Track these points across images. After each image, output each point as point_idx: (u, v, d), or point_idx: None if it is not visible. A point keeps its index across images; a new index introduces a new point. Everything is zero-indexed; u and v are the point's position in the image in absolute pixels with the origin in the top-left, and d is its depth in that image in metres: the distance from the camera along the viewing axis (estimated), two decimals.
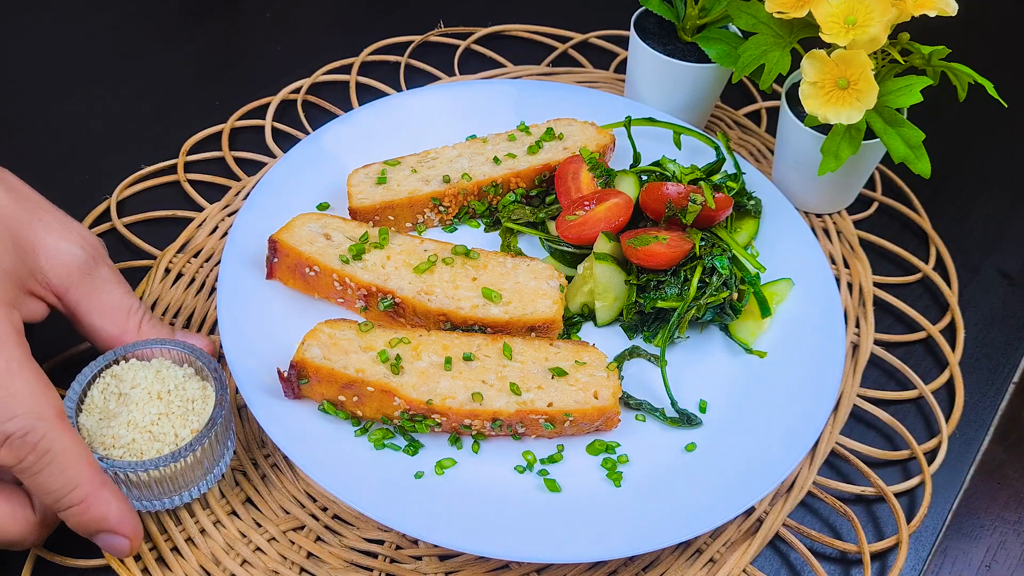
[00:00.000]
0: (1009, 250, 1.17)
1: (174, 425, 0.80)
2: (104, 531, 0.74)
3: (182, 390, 0.82)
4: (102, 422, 0.79)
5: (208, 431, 0.80)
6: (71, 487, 0.71)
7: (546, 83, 1.19)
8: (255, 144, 1.17)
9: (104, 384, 0.82)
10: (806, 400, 0.92)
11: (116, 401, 0.80)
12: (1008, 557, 0.93)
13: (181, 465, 0.79)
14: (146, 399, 0.80)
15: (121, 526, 0.74)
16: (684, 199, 0.98)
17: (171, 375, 0.82)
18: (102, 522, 0.73)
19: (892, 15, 0.94)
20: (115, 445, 0.78)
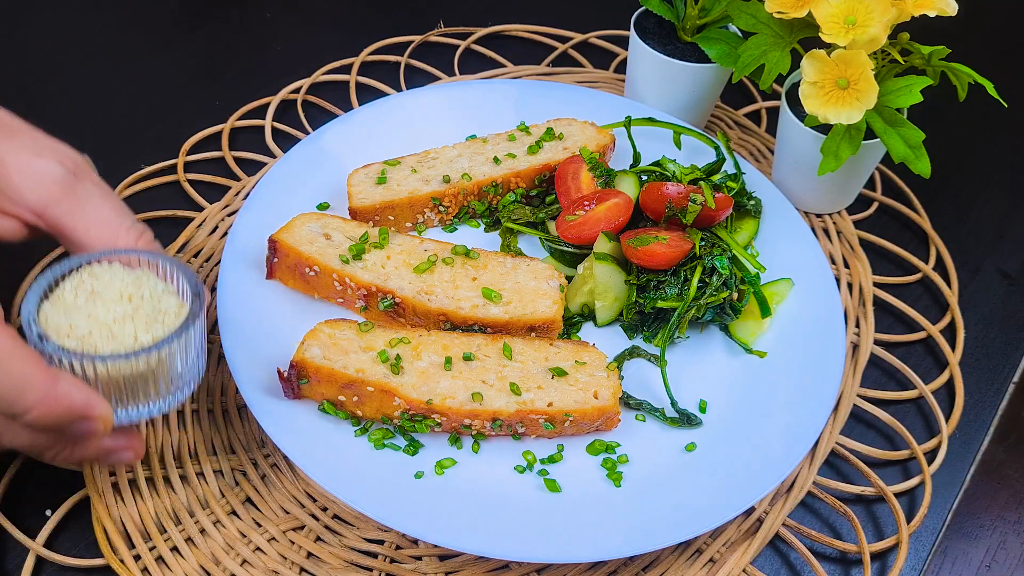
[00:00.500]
0: (1009, 250, 1.17)
1: (137, 329, 0.73)
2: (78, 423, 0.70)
3: (156, 300, 0.75)
4: (64, 315, 0.73)
5: (170, 340, 0.72)
6: (22, 387, 0.66)
7: (546, 83, 1.19)
8: (255, 144, 1.17)
9: (79, 280, 0.75)
10: (806, 400, 0.92)
11: (86, 298, 0.74)
12: (1008, 557, 0.93)
13: (133, 367, 0.72)
14: (115, 298, 0.74)
15: (90, 408, 0.69)
16: (684, 199, 0.98)
17: (149, 284, 0.76)
18: (70, 413, 0.68)
19: (892, 15, 0.94)
20: (70, 335, 0.72)
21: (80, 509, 0.87)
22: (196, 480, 0.88)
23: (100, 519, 0.85)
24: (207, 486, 0.88)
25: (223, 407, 0.93)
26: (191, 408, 0.92)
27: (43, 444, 0.75)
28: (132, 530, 0.84)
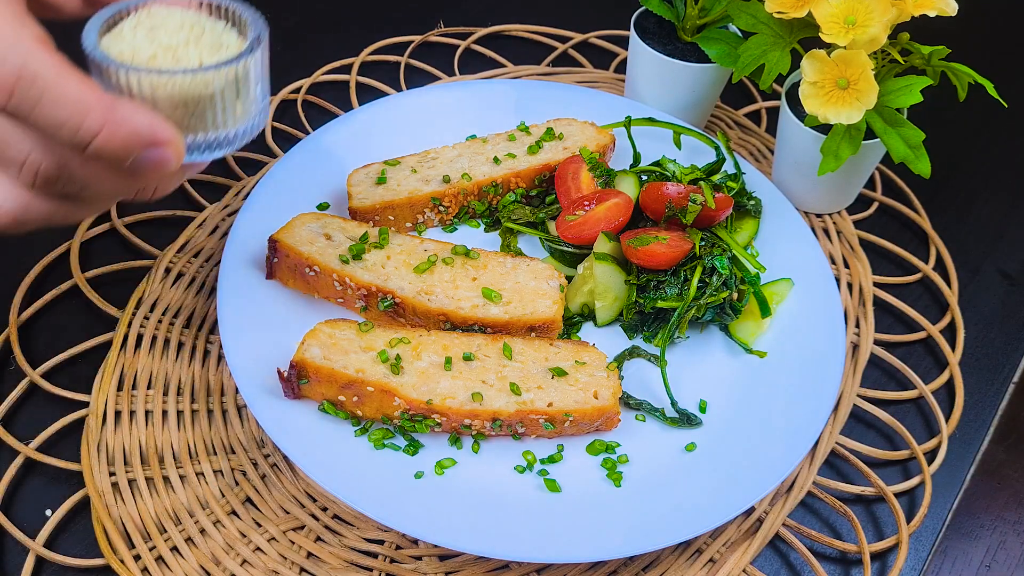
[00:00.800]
0: (1009, 250, 1.17)
1: (201, 54, 0.69)
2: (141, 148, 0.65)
3: (217, 34, 0.71)
4: (125, 43, 0.69)
5: (236, 60, 0.68)
6: (83, 112, 0.63)
7: (546, 83, 1.19)
8: (255, 144, 1.16)
9: (136, 20, 0.71)
10: (806, 400, 0.92)
11: (146, 32, 0.70)
12: (1008, 557, 0.93)
13: (197, 87, 0.68)
14: (176, 28, 0.70)
15: (155, 132, 0.65)
16: (684, 199, 0.98)
17: (211, 23, 0.72)
18: (135, 137, 0.64)
19: (892, 15, 0.94)
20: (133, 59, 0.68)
21: (80, 509, 0.87)
22: (196, 480, 0.88)
23: (100, 519, 0.85)
24: (207, 486, 0.88)
25: (223, 407, 0.93)
26: (191, 408, 0.93)
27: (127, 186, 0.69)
28: (132, 530, 0.85)
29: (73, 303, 1.00)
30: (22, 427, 0.91)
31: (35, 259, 1.02)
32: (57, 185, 0.67)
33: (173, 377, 0.94)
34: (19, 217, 0.68)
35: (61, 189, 0.68)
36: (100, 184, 0.68)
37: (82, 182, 0.67)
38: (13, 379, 0.94)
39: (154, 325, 0.98)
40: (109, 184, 0.68)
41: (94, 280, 1.02)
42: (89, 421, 0.91)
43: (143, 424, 0.91)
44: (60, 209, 0.69)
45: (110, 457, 0.89)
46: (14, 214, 0.68)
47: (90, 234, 1.05)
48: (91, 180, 0.68)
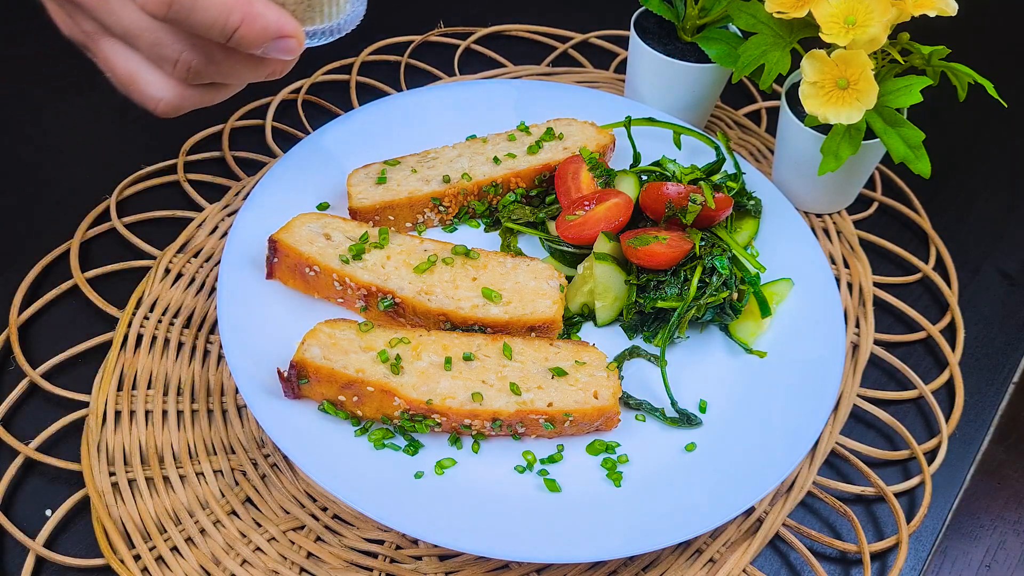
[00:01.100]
0: (1009, 250, 1.17)
1: None
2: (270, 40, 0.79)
3: None
4: None
5: None
6: (227, 13, 0.76)
7: (546, 83, 1.19)
8: (255, 144, 1.17)
9: None
10: (806, 400, 0.92)
11: None
12: (1008, 557, 0.93)
13: None
14: None
15: (282, 27, 0.79)
16: (684, 199, 0.98)
17: None
18: (266, 30, 0.78)
19: (892, 15, 0.94)
20: None
21: (80, 509, 0.87)
22: (196, 480, 0.88)
23: (100, 519, 0.85)
24: (207, 486, 0.88)
25: (223, 407, 0.93)
26: (191, 408, 0.93)
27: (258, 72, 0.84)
28: (132, 530, 0.85)
29: (73, 303, 1.00)
30: (22, 427, 0.91)
31: (35, 259, 1.02)
32: (204, 76, 0.82)
33: (173, 377, 0.94)
34: (176, 105, 0.83)
35: (207, 79, 0.82)
36: (238, 72, 0.83)
37: (225, 72, 0.82)
38: (13, 379, 0.94)
39: (154, 325, 0.98)
40: (245, 71, 0.83)
41: (94, 280, 1.02)
42: (89, 421, 0.91)
43: (143, 424, 0.91)
44: (206, 95, 0.85)
45: (110, 457, 0.89)
46: (173, 103, 0.83)
47: (90, 234, 1.05)
48: (231, 69, 0.82)
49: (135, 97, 0.85)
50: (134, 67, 0.82)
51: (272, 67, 0.85)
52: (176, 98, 0.84)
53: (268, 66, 0.85)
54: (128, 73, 0.82)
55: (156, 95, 0.83)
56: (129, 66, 0.82)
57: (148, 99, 0.83)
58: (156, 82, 0.82)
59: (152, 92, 0.83)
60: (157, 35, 0.79)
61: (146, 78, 0.82)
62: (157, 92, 0.83)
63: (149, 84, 0.82)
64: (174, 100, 0.84)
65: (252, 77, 0.85)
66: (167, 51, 0.80)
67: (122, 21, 0.80)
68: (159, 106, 0.84)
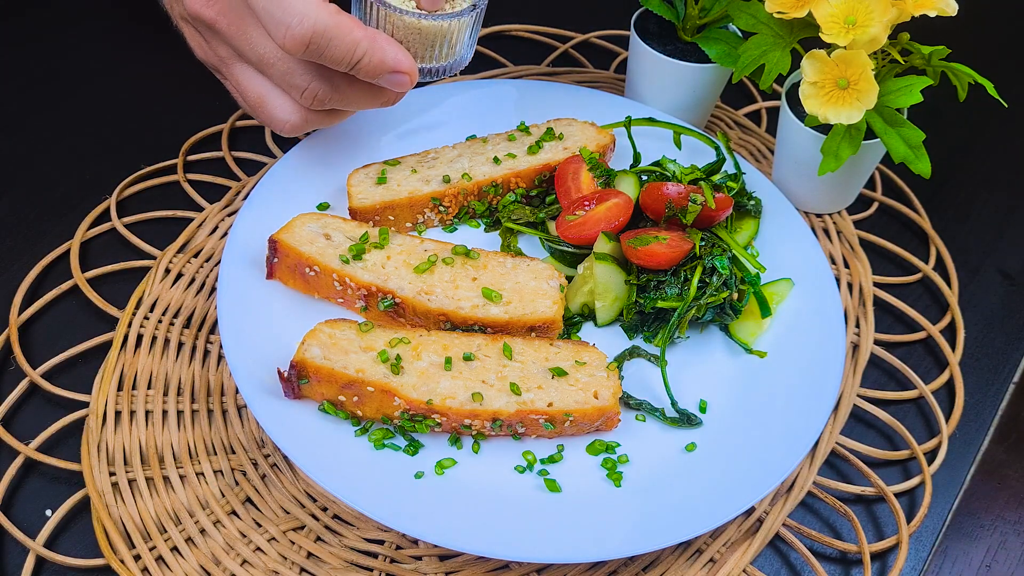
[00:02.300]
0: (1009, 250, 1.17)
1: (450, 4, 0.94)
2: (388, 72, 0.88)
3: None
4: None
5: (466, 12, 0.93)
6: (353, 47, 0.85)
7: (546, 83, 1.19)
8: (255, 144, 1.17)
9: None
10: (806, 400, 0.92)
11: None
12: (1008, 557, 0.93)
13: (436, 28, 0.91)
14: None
15: (398, 63, 0.88)
16: (684, 199, 0.98)
17: None
18: (384, 63, 0.87)
19: (892, 15, 0.94)
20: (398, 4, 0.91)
21: (80, 509, 0.87)
22: (196, 480, 0.88)
23: (100, 519, 0.85)
24: (207, 486, 0.88)
25: (223, 407, 0.93)
26: (191, 408, 0.93)
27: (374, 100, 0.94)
28: (132, 530, 0.85)
29: (73, 303, 1.00)
30: (22, 427, 0.91)
31: (35, 259, 1.02)
32: (327, 103, 0.91)
33: (173, 377, 0.94)
34: (300, 127, 0.93)
35: (330, 106, 0.91)
36: (357, 100, 0.92)
37: (346, 99, 0.92)
38: (13, 379, 0.94)
39: (154, 325, 0.98)
40: (363, 99, 0.92)
41: (94, 280, 1.02)
42: (89, 421, 0.91)
43: (143, 424, 0.91)
44: (326, 119, 0.95)
45: (110, 457, 0.89)
46: (297, 125, 0.92)
47: (90, 234, 1.05)
48: (351, 97, 0.92)
49: (262, 118, 0.93)
50: (265, 92, 0.91)
51: (387, 96, 0.94)
52: (301, 121, 0.92)
53: (383, 95, 0.93)
54: (259, 97, 0.91)
55: (283, 117, 0.92)
56: (260, 90, 0.91)
57: (276, 121, 0.92)
58: (284, 106, 0.91)
59: (280, 115, 0.92)
60: (289, 65, 0.88)
61: (275, 102, 0.91)
62: (284, 115, 0.92)
63: (277, 108, 0.91)
64: (299, 123, 0.92)
65: (368, 105, 0.94)
66: (297, 80, 0.89)
67: (257, 49, 0.88)
68: (285, 127, 0.92)
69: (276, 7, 0.83)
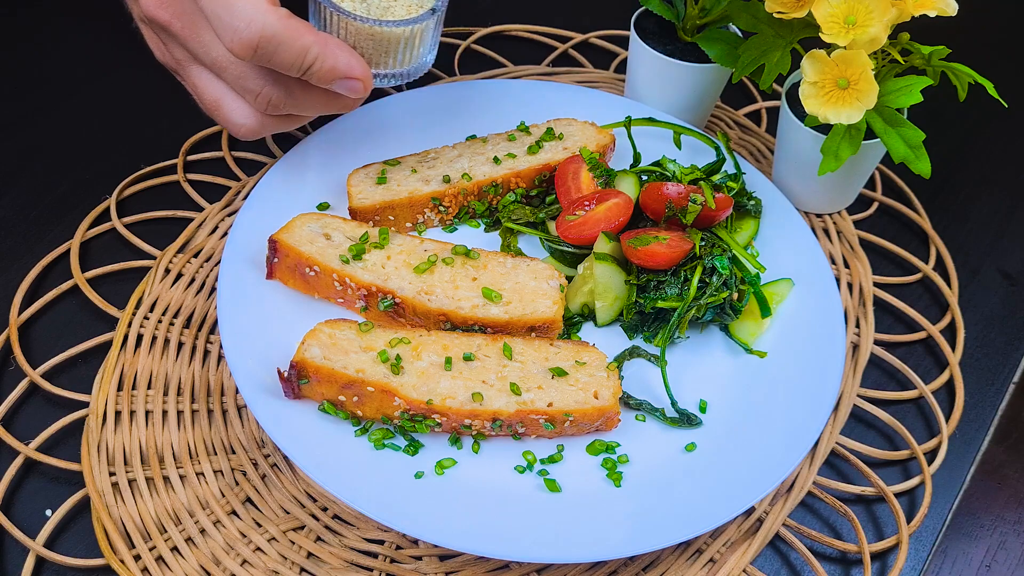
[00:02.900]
0: (1009, 250, 1.17)
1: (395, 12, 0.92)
2: (340, 78, 0.88)
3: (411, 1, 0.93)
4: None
5: (429, 15, 0.92)
6: (303, 53, 0.84)
7: (546, 83, 1.19)
8: (255, 144, 1.17)
9: None
10: (806, 400, 0.92)
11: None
12: (1008, 557, 0.93)
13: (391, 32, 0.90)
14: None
15: (351, 69, 0.87)
16: (684, 199, 0.98)
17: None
18: (336, 69, 0.86)
19: (892, 15, 0.94)
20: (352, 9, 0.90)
21: (80, 509, 0.87)
22: (196, 480, 0.88)
23: (100, 519, 0.85)
24: (207, 486, 0.88)
25: (223, 407, 0.93)
26: (191, 408, 0.93)
27: (330, 106, 0.93)
28: (132, 530, 0.85)
29: (73, 303, 1.00)
30: (22, 427, 0.91)
31: (35, 259, 1.02)
32: (282, 108, 0.90)
33: (173, 377, 0.94)
34: (256, 131, 0.92)
35: (285, 111, 0.91)
36: (312, 105, 0.92)
37: (300, 104, 0.91)
38: (13, 379, 0.94)
39: (154, 325, 0.98)
40: (318, 104, 0.92)
41: (94, 280, 1.02)
42: (89, 421, 0.91)
43: (143, 424, 0.91)
44: (282, 123, 0.94)
45: (110, 457, 0.89)
46: (253, 129, 0.92)
47: (90, 234, 1.05)
48: (306, 102, 0.91)
49: (219, 120, 0.93)
50: (220, 95, 0.91)
51: (343, 102, 0.93)
52: (256, 124, 0.92)
53: (340, 101, 0.92)
54: (215, 100, 0.91)
55: (238, 121, 0.91)
56: (216, 94, 0.91)
57: (231, 124, 0.92)
58: (239, 109, 0.91)
59: (235, 119, 0.91)
60: (242, 69, 0.87)
61: (231, 106, 0.91)
62: (240, 119, 0.91)
63: (233, 111, 0.91)
64: (254, 126, 0.92)
65: (325, 111, 0.93)
66: (251, 84, 0.88)
67: (211, 53, 0.88)
68: (240, 130, 0.92)
69: (224, 11, 0.82)
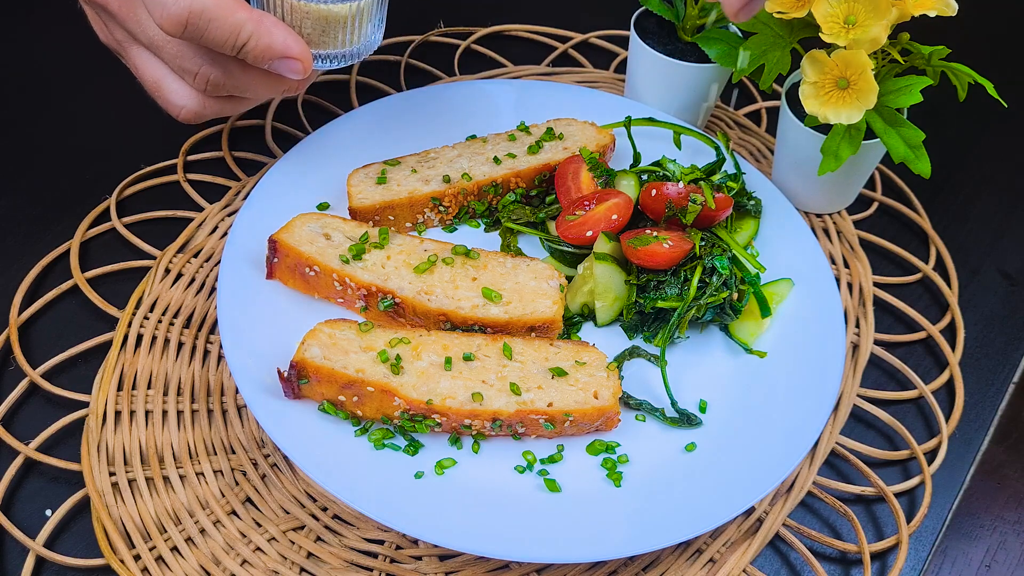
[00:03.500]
0: (1009, 250, 1.17)
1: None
2: (277, 57, 0.84)
3: None
4: None
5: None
6: (236, 30, 0.81)
7: (546, 83, 1.19)
8: (255, 144, 1.17)
9: None
10: (806, 400, 0.92)
11: None
12: (1008, 557, 0.93)
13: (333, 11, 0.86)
14: None
15: (287, 48, 0.84)
16: (684, 199, 0.98)
17: None
18: (272, 48, 0.83)
19: (892, 15, 0.94)
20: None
21: (80, 509, 0.87)
22: (196, 480, 0.88)
23: (100, 519, 0.85)
24: (207, 486, 0.88)
25: (223, 407, 0.93)
26: (191, 408, 0.93)
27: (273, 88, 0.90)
28: (132, 530, 0.85)
29: (73, 303, 1.00)
30: (22, 427, 0.91)
31: (35, 259, 1.02)
32: (223, 89, 0.88)
33: (173, 377, 0.94)
34: (197, 113, 0.89)
35: (226, 92, 0.88)
36: (254, 87, 0.89)
37: (241, 85, 0.88)
38: (13, 379, 0.94)
39: (154, 325, 0.98)
40: (260, 86, 0.89)
41: (94, 280, 1.02)
42: (89, 421, 0.91)
43: (143, 424, 0.91)
44: (226, 106, 0.91)
45: (110, 457, 0.89)
46: (194, 111, 0.89)
47: (90, 234, 1.05)
48: (247, 84, 0.88)
49: (160, 102, 0.91)
50: (160, 75, 0.89)
51: (286, 84, 0.90)
52: (197, 106, 0.89)
53: (283, 83, 0.90)
54: (154, 80, 0.89)
55: (178, 103, 0.89)
56: (156, 74, 0.89)
57: (171, 106, 0.90)
58: (179, 91, 0.89)
59: (175, 100, 0.89)
60: (179, 48, 0.85)
61: (171, 86, 0.89)
62: (179, 100, 0.89)
63: (173, 92, 0.89)
64: (195, 108, 0.89)
65: (268, 92, 0.90)
66: (188, 63, 0.86)
67: (147, 32, 0.86)
68: (181, 113, 0.90)
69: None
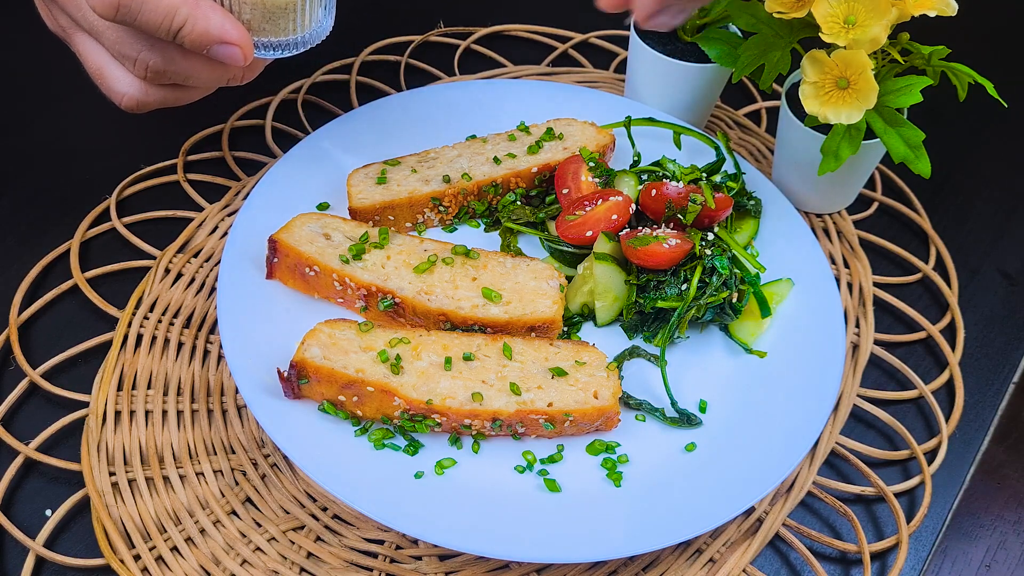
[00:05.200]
0: (1009, 250, 1.17)
1: None
2: (214, 43, 0.81)
3: None
4: None
5: None
6: (170, 14, 0.78)
7: (546, 83, 1.19)
8: (255, 144, 1.17)
9: None
10: (806, 400, 0.92)
11: None
12: (1008, 557, 0.93)
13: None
14: None
15: (225, 34, 0.80)
16: (684, 199, 0.98)
17: None
18: (208, 33, 0.80)
19: (892, 15, 0.94)
20: None
21: (80, 509, 0.87)
22: (196, 480, 0.88)
23: (100, 519, 0.85)
24: (207, 486, 0.88)
25: (223, 407, 0.93)
26: (191, 408, 0.93)
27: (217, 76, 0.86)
28: (132, 530, 0.85)
29: (73, 303, 1.00)
30: (22, 427, 0.91)
31: (35, 259, 1.02)
32: (165, 76, 0.84)
33: (173, 377, 0.94)
34: (140, 101, 0.86)
35: (168, 79, 0.85)
36: (196, 74, 0.85)
37: (183, 73, 0.84)
38: (13, 379, 0.94)
39: (154, 325, 0.98)
40: (203, 74, 0.85)
41: (94, 280, 1.02)
42: (89, 421, 0.91)
43: (143, 424, 0.91)
44: (171, 95, 0.87)
45: (110, 457, 0.89)
46: (136, 99, 0.86)
47: (90, 234, 1.05)
48: (189, 71, 0.84)
49: (103, 90, 0.88)
50: (102, 62, 0.86)
51: (230, 72, 0.86)
52: (139, 94, 0.86)
53: (225, 70, 0.86)
54: (97, 67, 0.87)
55: (120, 90, 0.86)
56: (98, 60, 0.86)
57: (114, 93, 0.87)
58: (121, 78, 0.86)
59: (116, 87, 0.86)
60: (118, 34, 0.83)
61: (113, 73, 0.86)
62: (121, 87, 0.86)
63: (115, 79, 0.86)
64: (137, 95, 0.86)
65: (212, 81, 0.87)
66: (127, 49, 0.83)
67: (87, 18, 0.83)
68: (123, 100, 0.87)
69: None
